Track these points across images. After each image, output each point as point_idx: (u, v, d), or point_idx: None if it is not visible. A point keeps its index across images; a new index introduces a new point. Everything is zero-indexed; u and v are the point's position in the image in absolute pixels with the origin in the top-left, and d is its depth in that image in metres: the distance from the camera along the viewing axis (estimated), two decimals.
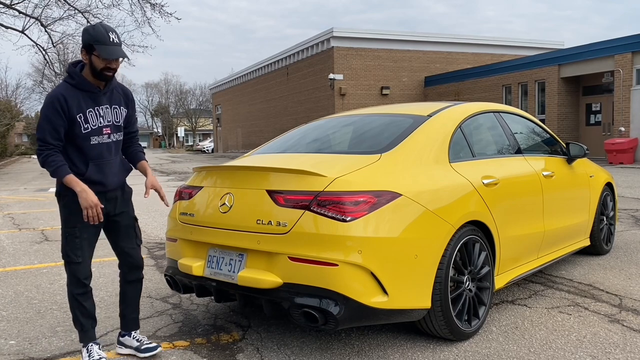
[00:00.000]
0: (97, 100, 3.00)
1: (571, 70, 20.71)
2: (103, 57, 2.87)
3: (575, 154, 4.99)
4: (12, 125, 36.70)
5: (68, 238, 3.00)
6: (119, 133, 3.14)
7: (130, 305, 3.27)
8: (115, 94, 3.11)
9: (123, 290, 3.28)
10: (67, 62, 40.23)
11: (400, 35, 27.98)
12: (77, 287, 3.04)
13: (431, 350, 3.23)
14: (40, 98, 68.08)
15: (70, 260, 3.01)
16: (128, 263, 3.23)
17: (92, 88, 2.97)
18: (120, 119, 3.13)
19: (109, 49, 2.87)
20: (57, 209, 10.06)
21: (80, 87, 2.95)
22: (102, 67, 2.91)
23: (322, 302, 2.89)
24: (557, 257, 4.59)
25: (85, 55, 2.93)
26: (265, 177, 3.23)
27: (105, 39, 2.86)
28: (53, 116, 2.87)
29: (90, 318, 3.09)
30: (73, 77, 2.96)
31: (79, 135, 2.95)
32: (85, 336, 3.08)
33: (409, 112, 4.02)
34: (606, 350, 3.16)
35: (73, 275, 3.03)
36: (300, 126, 4.70)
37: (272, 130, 33.36)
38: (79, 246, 2.99)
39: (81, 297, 3.05)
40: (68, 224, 3.01)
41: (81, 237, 3.00)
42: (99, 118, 3.01)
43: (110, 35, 2.88)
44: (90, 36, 2.87)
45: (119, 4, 22.92)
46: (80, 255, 3.00)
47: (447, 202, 3.31)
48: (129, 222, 3.21)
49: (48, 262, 5.76)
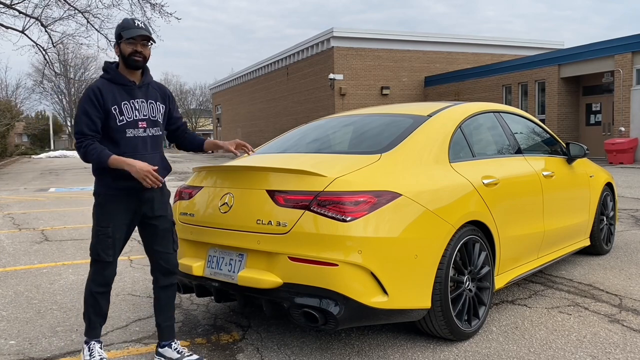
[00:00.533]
0: (132, 93, 3.01)
1: (571, 70, 20.71)
2: (127, 38, 2.94)
3: (576, 154, 4.99)
4: (12, 125, 36.68)
5: (100, 237, 2.96)
6: (156, 128, 3.10)
7: (164, 313, 3.15)
8: (151, 90, 3.12)
9: (157, 296, 3.18)
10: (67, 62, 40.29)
11: (400, 35, 27.98)
12: (99, 285, 3.00)
13: (431, 350, 3.23)
14: (41, 98, 68.16)
15: (100, 259, 2.97)
16: (162, 269, 3.13)
17: (127, 82, 3.01)
18: (157, 114, 3.10)
19: (133, 30, 2.97)
20: (57, 209, 10.09)
21: (115, 81, 2.99)
22: (130, 51, 2.96)
23: (322, 302, 2.89)
24: (557, 257, 4.59)
25: (116, 48, 3.01)
26: (265, 177, 3.23)
27: (130, 24, 2.99)
28: (89, 108, 2.89)
29: (100, 316, 3.05)
30: (108, 71, 3.02)
31: (114, 127, 2.93)
32: (91, 332, 3.05)
33: (409, 112, 4.02)
34: (606, 350, 3.16)
35: (99, 274, 2.99)
36: (300, 126, 4.70)
37: (272, 130, 33.36)
38: (111, 245, 2.96)
39: (99, 296, 3.01)
40: (101, 223, 2.96)
41: (114, 236, 2.96)
42: (134, 111, 3.00)
43: (135, 22, 3.02)
44: (118, 27, 3.01)
45: (119, 4, 22.94)
46: (111, 254, 2.96)
47: (447, 202, 3.31)
48: (166, 226, 3.11)
49: (48, 262, 5.76)
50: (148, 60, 3.04)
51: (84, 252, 6.22)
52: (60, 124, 62.52)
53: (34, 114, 60.98)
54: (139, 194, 2.99)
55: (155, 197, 3.06)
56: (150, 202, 3.04)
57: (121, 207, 2.97)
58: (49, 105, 68.70)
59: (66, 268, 5.47)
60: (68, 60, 41.93)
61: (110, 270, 3.01)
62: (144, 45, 2.99)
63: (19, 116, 44.08)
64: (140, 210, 3.03)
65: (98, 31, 22.34)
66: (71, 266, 5.55)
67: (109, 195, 2.95)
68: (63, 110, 65.99)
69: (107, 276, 3.01)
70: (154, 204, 3.05)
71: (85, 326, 3.07)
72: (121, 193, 2.95)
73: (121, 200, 2.96)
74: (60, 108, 66.13)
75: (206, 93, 54.66)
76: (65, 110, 65.80)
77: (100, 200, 2.98)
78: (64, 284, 4.88)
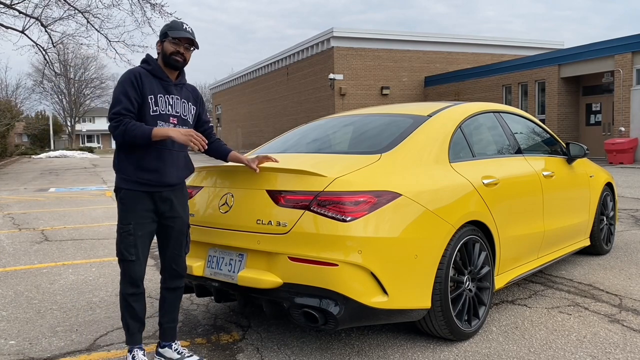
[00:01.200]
0: (168, 89, 3.04)
1: (571, 70, 20.71)
2: (173, 37, 2.98)
3: (575, 154, 4.99)
4: (12, 125, 36.66)
5: (122, 235, 2.92)
6: (185, 127, 3.09)
7: (168, 314, 3.13)
8: (184, 90, 3.14)
9: (162, 297, 3.15)
10: (67, 62, 40.29)
11: (400, 35, 27.98)
12: (128, 287, 2.95)
13: (431, 350, 3.23)
14: (41, 98, 68.08)
15: (123, 258, 2.92)
16: (171, 270, 3.11)
17: (165, 77, 3.03)
18: (189, 115, 3.12)
19: (180, 32, 3.01)
20: (57, 209, 10.09)
21: (155, 73, 3.00)
22: (172, 51, 3.00)
23: (322, 302, 2.89)
24: (557, 257, 4.59)
25: (159, 45, 3.05)
26: (265, 177, 3.23)
27: (178, 26, 3.04)
28: (129, 89, 2.88)
29: (138, 321, 2.98)
30: (150, 63, 3.03)
31: (147, 116, 2.93)
32: (131, 339, 2.99)
33: (409, 112, 4.02)
34: (606, 350, 3.16)
35: (126, 274, 2.94)
36: (300, 126, 4.70)
37: (272, 130, 33.36)
38: (133, 244, 2.91)
39: (131, 298, 2.95)
40: (123, 221, 2.93)
41: (135, 234, 2.92)
42: (168, 106, 3.02)
43: (183, 25, 3.05)
44: (166, 26, 3.06)
45: (119, 4, 22.90)
46: (134, 253, 2.91)
47: (447, 202, 3.31)
48: (181, 228, 3.10)
49: (48, 262, 5.76)
50: (187, 63, 3.07)
51: (84, 252, 6.23)
52: (60, 124, 62.49)
53: (34, 114, 60.98)
54: (159, 192, 2.98)
55: (175, 196, 3.05)
56: (169, 200, 3.02)
57: (141, 204, 2.94)
58: (49, 105, 68.73)
59: (66, 268, 5.47)
60: (68, 60, 41.97)
61: (136, 270, 2.94)
62: (187, 49, 3.03)
63: (19, 116, 44.07)
64: (159, 209, 3.01)
65: (98, 31, 22.34)
66: (71, 266, 5.55)
67: (129, 192, 2.93)
68: (63, 110, 65.97)
69: (134, 276, 2.94)
70: (173, 204, 3.03)
71: (125, 333, 2.99)
72: (142, 188, 2.93)
73: (141, 197, 2.94)
74: (60, 108, 66.12)
75: (206, 93, 54.76)
76: (65, 110, 65.79)
77: (122, 196, 2.95)
78: (64, 284, 4.88)
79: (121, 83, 2.92)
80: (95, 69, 64.60)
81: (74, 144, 64.72)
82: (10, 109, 35.63)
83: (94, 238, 7.08)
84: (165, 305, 3.14)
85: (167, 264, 3.12)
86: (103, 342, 3.47)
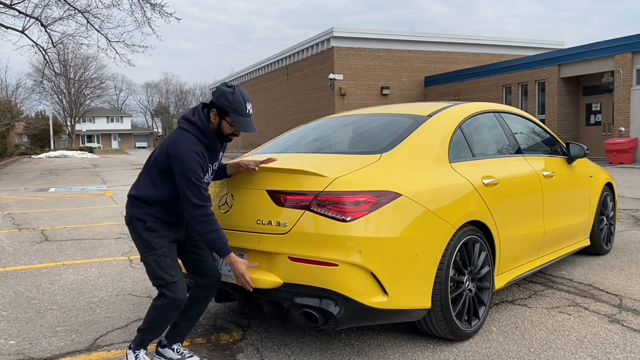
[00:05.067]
0: (215, 157, 3.04)
1: (571, 70, 20.71)
2: (237, 128, 2.92)
3: (575, 154, 4.99)
4: (12, 125, 36.67)
5: (158, 260, 2.86)
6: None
7: (190, 320, 3.11)
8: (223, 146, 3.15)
9: (191, 303, 3.10)
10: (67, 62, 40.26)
11: (400, 35, 27.99)
12: (171, 309, 2.86)
13: (431, 350, 3.23)
14: (41, 98, 68.07)
15: (166, 282, 2.85)
16: (208, 278, 3.09)
17: (217, 147, 3.01)
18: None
19: (245, 122, 2.92)
20: (57, 209, 10.08)
21: (210, 147, 2.97)
22: (229, 132, 2.96)
23: (322, 302, 2.89)
24: (557, 257, 4.59)
25: (215, 117, 2.93)
26: (265, 177, 3.23)
27: (243, 109, 2.90)
28: (201, 173, 2.84)
29: (159, 335, 2.97)
30: (207, 136, 2.93)
31: None
32: (142, 344, 2.95)
33: (409, 112, 4.02)
34: (606, 350, 3.16)
35: (170, 297, 2.84)
36: (300, 126, 4.70)
37: (272, 130, 33.36)
38: (172, 265, 2.89)
39: (169, 319, 2.91)
40: (155, 246, 2.88)
41: (171, 256, 2.92)
42: (212, 174, 3.06)
43: (247, 106, 2.92)
44: (229, 103, 2.88)
45: (119, 4, 22.90)
46: (174, 274, 2.87)
47: (447, 202, 3.31)
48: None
49: (48, 262, 5.76)
50: None
51: (84, 252, 6.23)
52: (60, 124, 62.50)
53: (34, 114, 60.98)
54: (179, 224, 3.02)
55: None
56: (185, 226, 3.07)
57: (169, 230, 2.95)
58: (49, 105, 68.72)
59: (66, 268, 5.47)
60: (68, 60, 41.95)
61: (180, 290, 2.86)
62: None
63: (19, 116, 44.07)
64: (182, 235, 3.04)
65: (98, 31, 22.36)
66: (71, 266, 5.55)
67: (158, 220, 2.92)
68: (63, 110, 66.01)
69: (182, 297, 2.87)
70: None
71: (138, 339, 2.94)
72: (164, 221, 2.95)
73: (167, 225, 2.95)
74: (60, 108, 66.17)
75: (206, 93, 54.64)
76: (65, 110, 65.83)
77: (150, 225, 2.90)
78: (64, 284, 4.88)
79: (192, 170, 2.80)
80: (95, 69, 64.69)
81: (74, 144, 64.74)
82: (10, 109, 35.63)
83: (94, 238, 7.08)
84: (191, 312, 3.10)
85: (203, 275, 3.08)
86: (103, 342, 3.47)
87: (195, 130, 2.91)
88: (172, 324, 3.12)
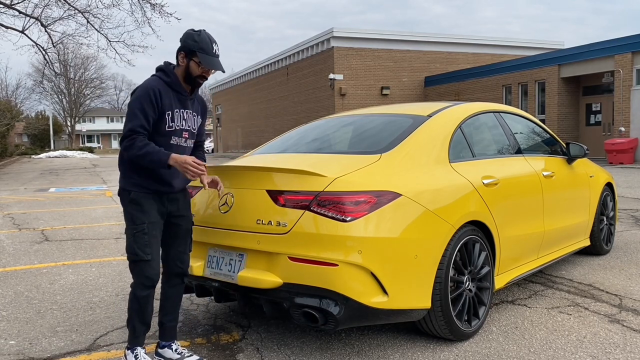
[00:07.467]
0: (184, 103, 3.01)
1: (571, 70, 20.71)
2: (204, 66, 2.92)
3: (575, 154, 4.99)
4: (12, 125, 36.66)
5: (136, 235, 2.88)
6: (193, 140, 3.13)
7: (170, 312, 3.12)
8: (196, 103, 3.13)
9: (165, 295, 3.14)
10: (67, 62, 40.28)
11: (400, 35, 27.98)
12: (143, 288, 2.89)
13: (431, 350, 3.23)
14: (41, 98, 68.12)
15: (139, 258, 2.87)
16: (176, 268, 3.10)
17: (183, 90, 3.00)
18: (196, 127, 3.13)
19: (212, 60, 2.93)
20: (57, 209, 10.08)
21: (173, 87, 2.96)
22: (198, 74, 2.96)
23: (322, 302, 2.89)
24: (557, 257, 4.59)
25: (183, 59, 2.96)
26: (265, 177, 3.23)
27: (209, 48, 2.93)
28: (147, 107, 2.84)
29: (145, 325, 2.96)
30: (169, 75, 2.97)
31: (162, 132, 2.92)
32: (135, 341, 2.95)
33: (409, 112, 4.02)
34: (606, 351, 3.16)
35: (141, 275, 2.89)
36: (300, 126, 4.70)
37: (272, 130, 33.36)
38: (148, 243, 2.88)
39: (144, 300, 2.90)
40: (136, 221, 2.89)
41: (150, 233, 2.90)
42: (182, 120, 3.00)
43: (213, 46, 2.95)
44: (195, 42, 2.91)
45: (119, 4, 22.92)
46: (149, 252, 2.88)
47: (447, 202, 3.31)
48: (188, 226, 3.13)
49: (48, 262, 5.76)
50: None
51: (84, 252, 6.23)
52: (60, 124, 62.49)
53: (34, 114, 60.99)
54: (167, 194, 3.01)
55: (180, 197, 3.10)
56: (176, 201, 3.06)
57: (153, 205, 2.95)
58: (49, 105, 68.77)
59: (66, 268, 5.47)
60: (68, 60, 41.94)
61: (151, 269, 2.89)
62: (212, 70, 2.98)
63: (19, 116, 44.08)
64: (167, 209, 3.02)
65: (98, 31, 22.36)
66: (71, 266, 5.55)
67: (141, 193, 2.92)
68: (63, 110, 65.98)
69: (151, 276, 2.89)
70: (179, 203, 3.09)
71: (129, 335, 2.96)
72: (151, 191, 2.95)
73: (152, 198, 2.95)
74: (60, 108, 66.14)
75: (206, 93, 54.73)
76: (65, 110, 65.80)
77: (134, 197, 2.92)
78: (64, 284, 4.88)
79: (138, 98, 2.86)
80: (95, 69, 64.67)
81: (74, 144, 64.74)
82: (10, 109, 35.64)
83: (94, 238, 7.09)
84: (167, 304, 3.14)
85: (171, 263, 3.12)
86: (103, 342, 3.47)
87: (160, 73, 2.99)
88: (158, 323, 3.15)
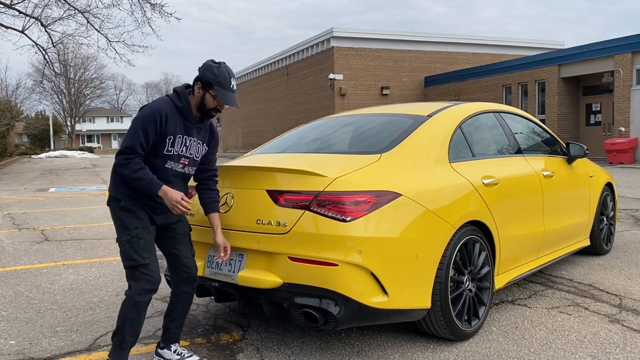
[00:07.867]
0: (189, 130, 2.99)
1: (571, 70, 20.71)
2: (219, 100, 2.92)
3: (575, 154, 4.99)
4: (12, 125, 36.64)
5: (131, 241, 2.84)
6: (194, 167, 3.10)
7: (176, 319, 3.09)
8: (203, 130, 3.10)
9: (174, 302, 3.09)
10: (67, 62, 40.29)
11: (400, 35, 27.99)
12: (144, 294, 2.81)
13: (431, 350, 3.23)
14: (41, 98, 68.12)
15: (137, 263, 2.82)
16: (183, 275, 3.06)
17: (191, 118, 2.97)
18: (200, 155, 3.11)
19: (228, 95, 2.93)
20: (57, 209, 10.08)
21: (182, 112, 2.94)
22: (212, 107, 2.96)
23: (322, 302, 2.89)
24: (557, 257, 4.59)
25: (199, 90, 2.94)
26: (265, 177, 3.23)
27: (227, 83, 2.92)
28: (150, 128, 2.81)
29: (135, 336, 2.86)
30: (181, 100, 2.94)
31: (159, 154, 2.90)
32: (120, 354, 2.82)
33: (409, 112, 4.02)
34: (606, 351, 3.16)
35: (141, 280, 2.81)
36: (300, 126, 4.70)
37: (272, 130, 33.36)
38: (144, 247, 2.84)
39: (142, 307, 2.82)
40: (130, 227, 2.86)
41: (144, 238, 2.88)
42: (182, 147, 2.97)
43: (232, 81, 2.94)
44: (214, 76, 2.90)
45: (119, 4, 22.90)
46: (147, 256, 2.83)
47: (447, 202, 3.31)
48: (185, 230, 3.11)
49: (48, 262, 5.76)
50: None
51: (84, 252, 6.23)
52: (60, 124, 62.47)
53: (34, 114, 60.95)
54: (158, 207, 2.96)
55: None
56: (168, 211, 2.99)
57: (144, 212, 2.92)
58: (49, 105, 68.75)
59: (66, 268, 5.47)
60: (68, 60, 41.93)
61: (152, 273, 2.83)
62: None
63: (19, 116, 44.07)
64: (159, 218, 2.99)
65: (98, 31, 22.35)
66: (71, 266, 5.55)
67: (132, 200, 2.90)
68: (63, 110, 65.97)
69: (153, 278, 2.83)
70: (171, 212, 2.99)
71: (114, 348, 2.83)
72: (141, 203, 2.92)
73: (142, 207, 2.92)
74: (60, 108, 66.13)
75: None
76: (65, 110, 65.79)
77: (124, 204, 2.89)
78: (64, 284, 4.88)
79: (144, 118, 2.82)
80: (95, 69, 64.65)
81: (74, 144, 64.74)
82: (10, 109, 35.62)
83: (94, 238, 7.09)
84: (175, 311, 3.10)
85: (178, 270, 3.08)
86: (103, 342, 3.47)
87: (173, 95, 2.97)
88: (163, 327, 3.12)
